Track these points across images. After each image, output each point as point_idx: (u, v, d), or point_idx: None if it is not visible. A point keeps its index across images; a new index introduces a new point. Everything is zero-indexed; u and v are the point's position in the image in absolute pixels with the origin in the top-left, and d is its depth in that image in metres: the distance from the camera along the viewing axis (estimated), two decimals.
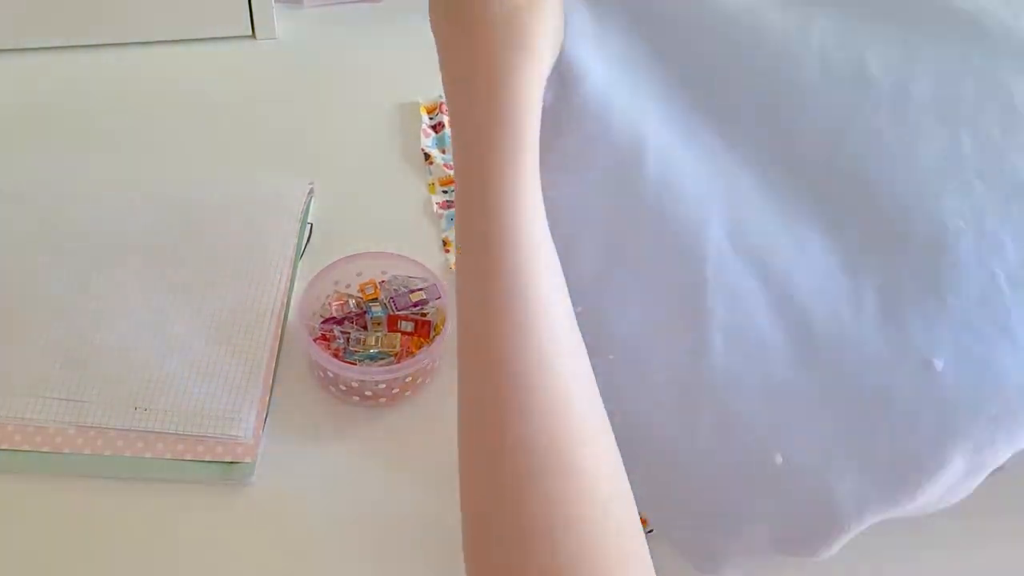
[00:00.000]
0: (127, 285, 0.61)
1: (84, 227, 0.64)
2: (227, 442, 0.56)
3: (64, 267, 0.62)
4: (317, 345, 0.59)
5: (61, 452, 0.55)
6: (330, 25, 0.92)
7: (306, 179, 0.71)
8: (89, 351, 0.59)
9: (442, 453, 0.57)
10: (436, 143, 0.78)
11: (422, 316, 0.62)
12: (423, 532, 0.54)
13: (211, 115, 0.80)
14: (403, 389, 0.59)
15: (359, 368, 0.58)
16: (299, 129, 0.79)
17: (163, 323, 0.60)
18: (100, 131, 0.77)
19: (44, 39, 0.84)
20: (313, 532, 0.54)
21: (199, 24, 0.86)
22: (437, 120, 0.80)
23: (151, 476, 0.55)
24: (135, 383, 0.58)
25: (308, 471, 0.56)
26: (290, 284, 0.64)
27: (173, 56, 0.86)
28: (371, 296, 0.63)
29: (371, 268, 0.64)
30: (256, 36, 0.88)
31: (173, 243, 0.64)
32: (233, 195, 0.67)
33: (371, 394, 0.59)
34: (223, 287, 0.62)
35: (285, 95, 0.83)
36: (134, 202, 0.65)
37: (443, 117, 0.79)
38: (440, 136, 0.79)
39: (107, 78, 0.83)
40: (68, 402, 0.57)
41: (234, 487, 0.55)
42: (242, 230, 0.65)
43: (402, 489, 0.56)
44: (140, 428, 0.56)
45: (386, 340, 0.60)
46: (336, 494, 0.55)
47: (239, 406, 0.57)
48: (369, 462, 0.57)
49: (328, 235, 0.70)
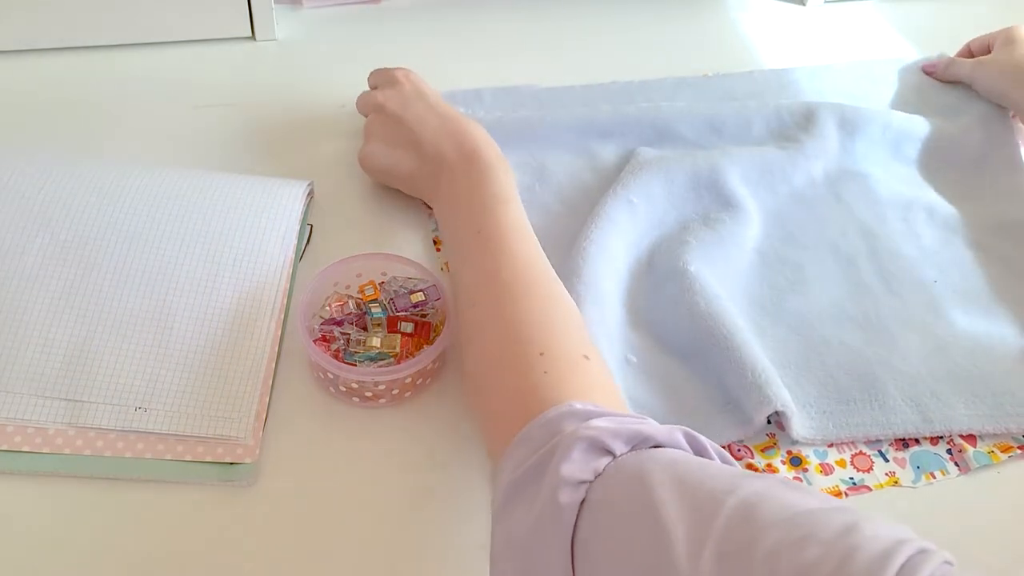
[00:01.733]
0: (127, 285, 0.62)
1: (84, 227, 0.64)
2: (227, 443, 0.56)
3: (64, 267, 0.62)
4: (316, 346, 0.59)
5: (61, 453, 0.55)
6: (330, 26, 0.92)
7: (306, 180, 0.71)
8: (89, 351, 0.59)
9: (443, 454, 0.58)
10: None
11: (422, 317, 0.62)
12: (423, 533, 0.54)
13: (211, 116, 0.80)
14: (403, 390, 0.59)
15: (359, 369, 0.58)
16: (299, 130, 0.80)
17: (163, 324, 0.60)
18: (100, 131, 0.77)
19: (44, 40, 0.84)
20: (314, 533, 0.54)
21: (199, 25, 0.86)
22: None
23: (151, 477, 0.55)
24: (135, 384, 0.58)
25: (308, 472, 0.56)
26: (290, 285, 0.65)
27: (173, 57, 0.86)
28: (371, 297, 0.63)
29: (371, 269, 0.64)
30: (256, 37, 0.88)
31: (173, 243, 0.64)
32: (233, 196, 0.67)
33: (371, 395, 0.59)
34: (223, 287, 0.62)
35: (285, 96, 0.83)
36: (134, 202, 0.65)
37: None
38: None
39: (107, 79, 0.83)
40: (68, 403, 0.57)
41: (234, 488, 0.55)
42: (242, 231, 0.65)
43: (403, 491, 0.56)
44: (140, 429, 0.56)
45: (386, 341, 0.60)
46: (336, 495, 0.56)
47: (239, 407, 0.57)
48: (370, 463, 0.57)
49: (328, 236, 0.70)
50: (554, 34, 0.94)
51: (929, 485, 0.59)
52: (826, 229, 0.74)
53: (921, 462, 0.60)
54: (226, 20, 0.86)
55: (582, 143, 0.78)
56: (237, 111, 0.81)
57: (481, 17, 0.95)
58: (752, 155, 0.76)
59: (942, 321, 0.67)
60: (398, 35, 0.92)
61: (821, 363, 0.64)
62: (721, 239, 0.70)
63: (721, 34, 0.97)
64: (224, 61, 0.86)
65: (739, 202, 0.72)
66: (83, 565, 0.52)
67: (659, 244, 0.70)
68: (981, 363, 0.64)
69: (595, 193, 0.73)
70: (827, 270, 0.70)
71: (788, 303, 0.68)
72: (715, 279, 0.66)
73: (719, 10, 1.00)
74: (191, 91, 0.82)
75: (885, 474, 0.59)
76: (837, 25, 0.99)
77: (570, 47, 0.93)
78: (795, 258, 0.71)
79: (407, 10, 0.95)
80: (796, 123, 0.80)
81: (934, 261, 0.72)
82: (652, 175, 0.73)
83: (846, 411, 0.61)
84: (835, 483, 0.58)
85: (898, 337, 0.66)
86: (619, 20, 0.97)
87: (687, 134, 0.79)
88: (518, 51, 0.92)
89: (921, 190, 0.78)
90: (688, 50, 0.94)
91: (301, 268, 0.67)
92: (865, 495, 0.58)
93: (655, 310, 0.66)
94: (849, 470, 0.59)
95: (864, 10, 1.02)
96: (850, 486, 0.58)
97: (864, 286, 0.69)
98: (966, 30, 0.94)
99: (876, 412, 0.61)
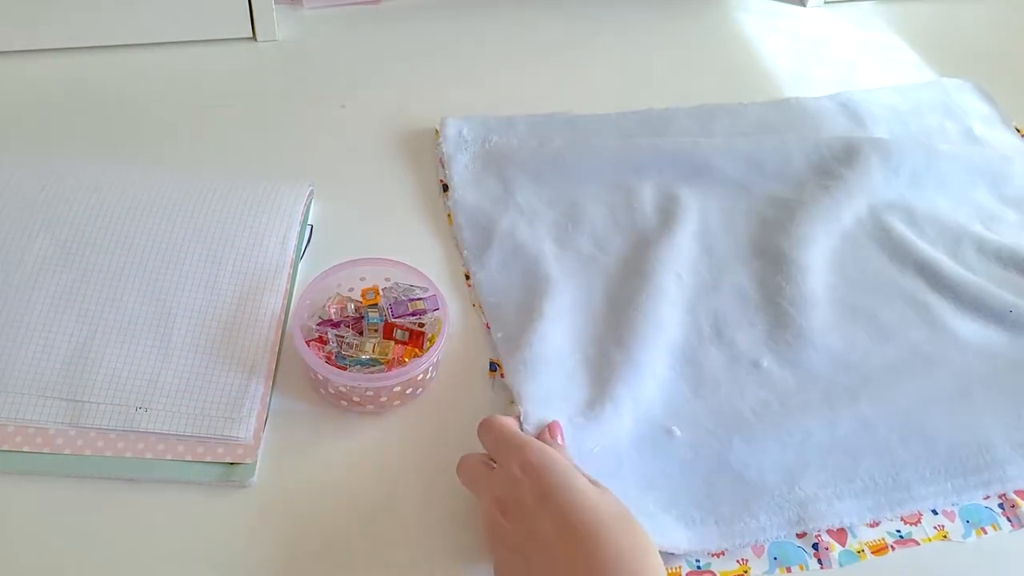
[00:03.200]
0: (127, 285, 0.62)
1: (84, 227, 0.64)
2: (228, 443, 0.56)
3: (65, 267, 0.62)
4: (309, 347, 0.58)
5: (62, 453, 0.55)
6: (330, 27, 0.92)
7: (306, 180, 0.71)
8: (90, 351, 0.59)
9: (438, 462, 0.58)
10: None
11: (419, 326, 0.62)
12: (424, 534, 0.54)
13: (211, 116, 0.80)
14: (392, 399, 0.59)
15: (348, 374, 0.57)
16: (299, 131, 0.80)
17: (164, 323, 0.60)
18: (100, 131, 0.77)
19: (45, 40, 0.84)
20: (313, 533, 0.54)
21: (200, 26, 0.86)
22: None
23: (152, 477, 0.55)
24: (136, 384, 0.58)
25: (308, 473, 0.57)
26: (290, 285, 0.65)
27: (173, 57, 0.86)
28: (371, 302, 0.62)
29: (375, 274, 0.64)
30: (257, 38, 0.89)
31: (173, 243, 0.64)
32: (233, 196, 0.67)
33: (359, 400, 0.58)
34: (223, 287, 0.62)
35: (286, 96, 0.83)
36: (135, 203, 0.65)
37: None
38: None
39: (108, 79, 0.83)
40: (69, 403, 0.57)
41: (235, 488, 0.55)
42: (242, 232, 0.65)
43: (401, 494, 0.56)
44: (141, 429, 0.56)
45: (379, 347, 0.59)
46: (336, 496, 0.56)
47: (240, 407, 0.57)
48: (370, 465, 0.57)
49: (328, 238, 0.70)
50: (553, 35, 0.94)
51: (980, 540, 0.56)
52: (884, 268, 0.71)
53: (972, 516, 0.57)
54: (227, 21, 0.87)
55: (618, 179, 0.76)
56: (238, 111, 0.81)
57: (481, 18, 0.95)
58: (792, 205, 0.74)
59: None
60: (398, 36, 0.92)
61: (922, 438, 0.60)
62: (787, 318, 0.67)
63: (721, 35, 0.97)
64: (225, 61, 0.86)
65: (792, 260, 0.70)
66: (83, 565, 0.52)
67: (710, 315, 0.67)
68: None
69: (631, 236, 0.72)
70: (902, 314, 0.68)
71: (874, 367, 0.64)
72: (785, 369, 0.64)
73: (719, 10, 1.00)
74: (192, 91, 0.82)
75: (934, 528, 0.56)
76: (837, 25, 1.00)
77: (570, 47, 0.93)
78: (867, 305, 0.68)
79: (407, 11, 0.95)
80: (836, 157, 0.78)
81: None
82: (694, 242, 0.71)
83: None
84: (881, 536, 0.56)
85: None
86: (619, 20, 0.97)
87: (727, 170, 0.77)
88: (518, 52, 0.92)
89: (968, 221, 0.76)
90: (688, 50, 0.94)
91: (302, 269, 0.67)
92: (912, 549, 0.55)
93: (705, 386, 0.63)
94: (896, 523, 0.57)
95: (864, 10, 1.02)
96: (897, 539, 0.56)
97: (940, 326, 0.67)
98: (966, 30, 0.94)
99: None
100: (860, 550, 0.55)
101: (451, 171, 0.76)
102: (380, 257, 0.64)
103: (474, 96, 0.85)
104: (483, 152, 0.78)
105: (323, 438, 0.58)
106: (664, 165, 0.77)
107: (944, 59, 0.95)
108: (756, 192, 0.76)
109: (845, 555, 0.55)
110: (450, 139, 0.78)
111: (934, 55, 0.95)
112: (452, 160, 0.76)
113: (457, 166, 0.76)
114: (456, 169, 0.76)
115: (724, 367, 0.63)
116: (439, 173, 0.77)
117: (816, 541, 0.55)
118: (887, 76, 0.92)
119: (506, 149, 0.78)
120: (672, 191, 0.75)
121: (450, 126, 0.79)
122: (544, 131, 0.81)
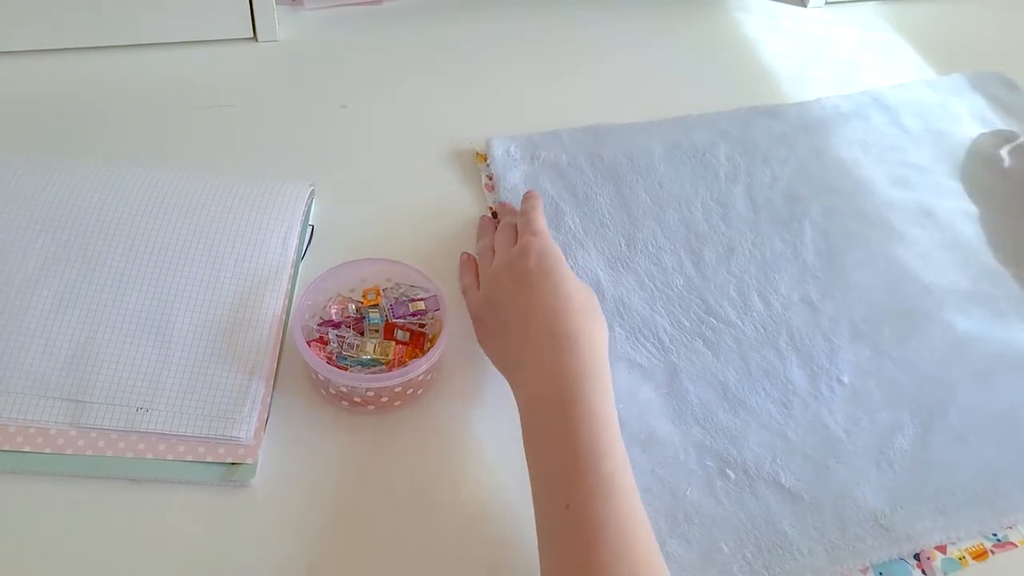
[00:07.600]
0: (128, 285, 0.62)
1: (85, 227, 0.64)
2: (229, 443, 0.56)
3: (66, 267, 0.62)
4: (310, 347, 0.58)
5: (63, 453, 0.55)
6: (331, 27, 0.92)
7: (307, 181, 0.71)
8: (91, 352, 0.59)
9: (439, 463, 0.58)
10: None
11: (420, 327, 0.62)
12: (424, 534, 0.54)
13: (212, 116, 0.80)
14: (392, 399, 0.59)
15: (349, 374, 0.57)
16: (300, 131, 0.80)
17: (164, 323, 0.60)
18: (101, 132, 0.78)
19: (45, 41, 0.84)
20: (314, 533, 0.54)
21: (201, 26, 0.86)
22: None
23: (153, 477, 0.55)
24: (137, 384, 0.58)
25: (309, 473, 0.57)
26: (291, 285, 0.65)
27: (175, 58, 0.86)
28: (372, 302, 0.62)
29: (376, 274, 0.64)
30: (258, 38, 0.89)
31: (174, 244, 0.64)
32: (234, 196, 0.67)
33: (360, 400, 0.58)
34: (224, 287, 0.62)
35: (287, 97, 0.83)
36: (136, 203, 0.65)
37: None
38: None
39: (109, 80, 0.83)
40: (70, 403, 0.57)
41: (236, 488, 0.55)
42: (243, 231, 0.65)
43: (402, 494, 0.56)
44: (142, 429, 0.56)
45: (380, 348, 0.59)
46: (337, 496, 0.56)
47: (241, 407, 0.57)
48: (371, 465, 0.57)
49: (329, 237, 0.70)
50: (554, 34, 0.94)
51: None
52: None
53: None
54: (228, 21, 0.87)
55: (675, 194, 0.77)
56: (239, 112, 0.81)
57: (482, 18, 0.95)
58: (847, 223, 0.75)
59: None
60: (399, 36, 0.92)
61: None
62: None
63: (722, 35, 0.97)
64: (226, 62, 0.86)
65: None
66: (84, 565, 0.52)
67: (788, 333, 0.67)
68: None
69: (692, 255, 0.72)
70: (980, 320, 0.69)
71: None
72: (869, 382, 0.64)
73: (719, 11, 1.00)
74: (193, 92, 0.83)
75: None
76: (837, 26, 1.00)
77: (570, 47, 0.93)
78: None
79: (408, 11, 0.96)
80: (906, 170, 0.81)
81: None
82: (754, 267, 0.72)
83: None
84: (979, 541, 0.56)
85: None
86: (619, 20, 0.97)
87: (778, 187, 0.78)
88: (518, 53, 0.92)
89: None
90: (688, 51, 0.94)
91: (302, 269, 0.67)
92: (1011, 552, 0.56)
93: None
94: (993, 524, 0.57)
95: (864, 11, 1.02)
96: (995, 543, 0.56)
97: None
98: (966, 30, 0.94)
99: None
100: (961, 557, 0.55)
101: (502, 190, 0.75)
102: (381, 257, 0.64)
103: (474, 96, 0.85)
104: (533, 170, 0.77)
105: (324, 438, 0.58)
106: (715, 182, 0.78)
107: (945, 59, 0.95)
108: (812, 210, 0.76)
109: (948, 563, 0.55)
110: (498, 159, 0.78)
111: (935, 55, 0.95)
112: (503, 179, 0.76)
113: (508, 184, 0.76)
114: (507, 187, 0.75)
115: (807, 383, 0.64)
116: (487, 200, 0.75)
117: (918, 552, 0.55)
118: (888, 76, 0.92)
119: (555, 164, 0.78)
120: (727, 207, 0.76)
121: (497, 146, 0.79)
122: (587, 141, 0.80)
